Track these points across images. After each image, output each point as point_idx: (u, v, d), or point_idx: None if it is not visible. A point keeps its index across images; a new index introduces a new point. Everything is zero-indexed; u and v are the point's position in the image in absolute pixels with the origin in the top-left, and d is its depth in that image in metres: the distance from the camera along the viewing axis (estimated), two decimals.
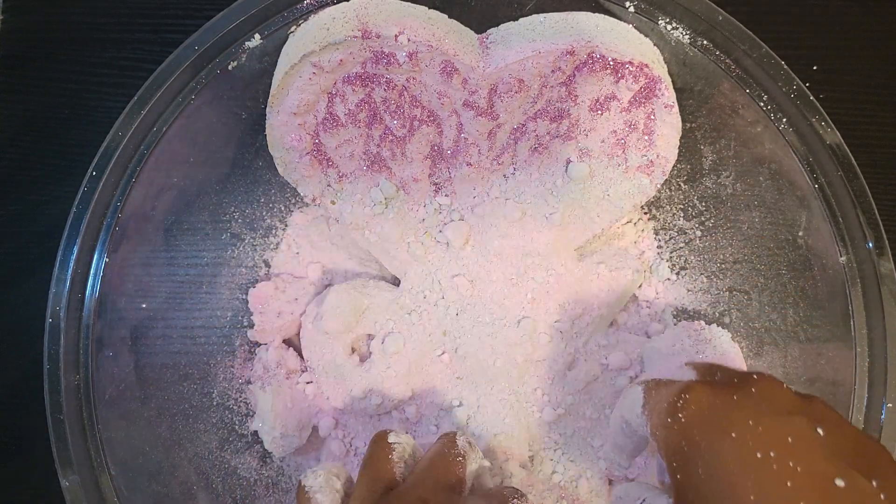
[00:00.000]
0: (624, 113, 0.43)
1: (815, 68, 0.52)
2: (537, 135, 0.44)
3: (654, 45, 0.43)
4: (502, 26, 0.42)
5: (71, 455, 0.40)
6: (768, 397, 0.29)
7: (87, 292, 0.42)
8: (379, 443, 0.34)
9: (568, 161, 0.44)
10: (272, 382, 0.46)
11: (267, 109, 0.42)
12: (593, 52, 0.40)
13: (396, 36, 0.39)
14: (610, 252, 0.48)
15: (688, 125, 0.45)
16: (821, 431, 0.27)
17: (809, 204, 0.43)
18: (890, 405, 0.41)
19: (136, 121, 0.42)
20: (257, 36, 0.42)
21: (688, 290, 0.49)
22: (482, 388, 0.46)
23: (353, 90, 0.41)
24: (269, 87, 0.42)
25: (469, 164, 0.44)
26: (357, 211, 0.45)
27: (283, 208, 0.49)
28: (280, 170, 0.44)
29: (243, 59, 0.43)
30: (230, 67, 0.43)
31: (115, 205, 0.42)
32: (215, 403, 0.47)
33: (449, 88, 0.41)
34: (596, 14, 0.42)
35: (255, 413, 0.47)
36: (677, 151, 0.44)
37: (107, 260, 0.42)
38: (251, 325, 0.47)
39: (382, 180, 0.44)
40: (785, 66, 0.42)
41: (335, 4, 0.41)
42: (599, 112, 0.43)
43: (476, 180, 0.45)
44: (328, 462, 0.47)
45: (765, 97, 0.43)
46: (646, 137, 0.43)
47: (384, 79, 0.41)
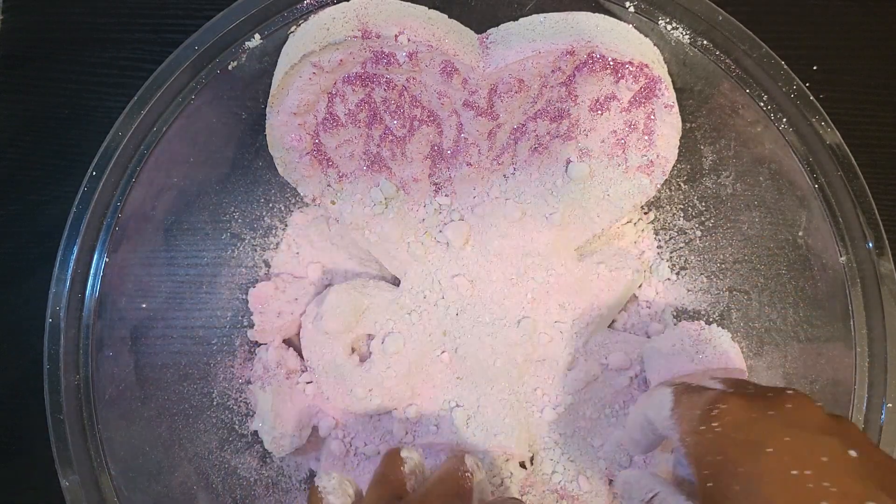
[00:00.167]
0: (624, 113, 0.43)
1: (815, 68, 0.52)
2: (537, 135, 0.44)
3: (654, 45, 0.43)
4: (502, 26, 0.42)
5: (71, 455, 0.40)
6: (803, 415, 0.29)
7: (87, 292, 0.42)
8: (391, 456, 0.36)
9: (568, 161, 0.44)
10: (272, 382, 0.46)
11: (267, 109, 0.42)
12: (593, 52, 0.40)
13: (396, 36, 0.39)
14: (610, 252, 0.48)
15: (688, 125, 0.45)
16: (853, 453, 0.27)
17: (809, 204, 0.43)
18: (890, 405, 0.41)
19: (136, 121, 0.42)
20: (257, 36, 0.42)
21: (688, 290, 0.49)
22: (482, 388, 0.46)
23: (353, 90, 0.41)
24: (269, 87, 0.42)
25: (469, 164, 0.44)
26: (357, 211, 0.45)
27: (283, 208, 0.49)
28: (280, 170, 0.44)
29: (243, 59, 0.43)
30: (230, 67, 0.43)
31: (115, 205, 0.42)
32: (215, 403, 0.47)
33: (449, 88, 0.41)
34: (596, 14, 0.42)
35: (255, 413, 0.47)
36: (677, 151, 0.44)
37: (107, 260, 0.42)
38: (251, 325, 0.47)
39: (382, 180, 0.44)
40: (785, 66, 0.42)
41: (335, 4, 0.41)
42: (599, 112, 0.43)
43: (476, 180, 0.45)
44: (328, 461, 0.47)
45: (765, 97, 0.43)
46: (646, 137, 0.43)
47: (384, 79, 0.41)
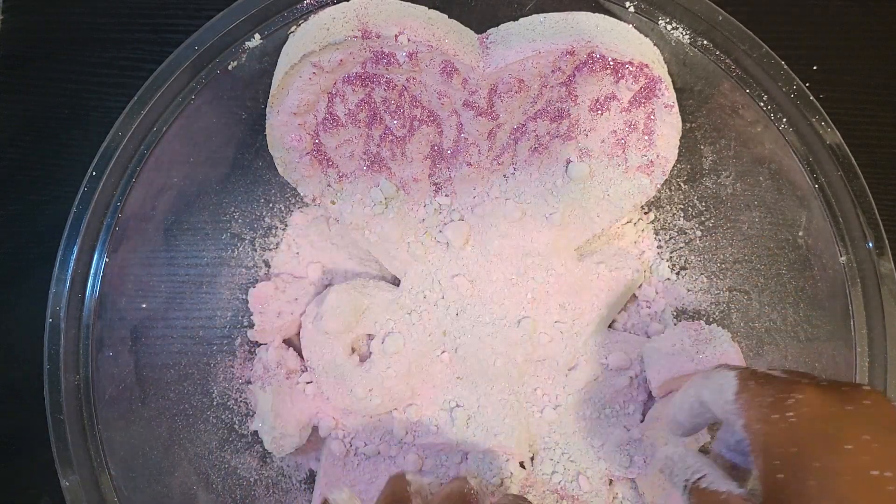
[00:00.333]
0: (624, 113, 0.43)
1: (815, 68, 0.52)
2: (537, 135, 0.44)
3: (654, 45, 0.43)
4: (502, 26, 0.42)
5: (71, 455, 0.40)
6: (880, 413, 0.28)
7: (87, 292, 0.42)
8: (397, 477, 0.37)
9: (568, 161, 0.44)
10: (272, 382, 0.46)
11: (267, 109, 0.42)
12: (593, 52, 0.40)
13: (396, 36, 0.39)
14: (610, 252, 0.48)
15: (688, 125, 0.45)
16: None
17: (809, 204, 0.43)
18: None
19: (136, 121, 0.42)
20: (257, 36, 0.42)
21: (688, 290, 0.49)
22: (482, 388, 0.46)
23: (353, 90, 0.41)
24: (269, 87, 0.42)
25: (469, 164, 0.44)
26: (357, 211, 0.45)
27: (283, 208, 0.49)
28: (280, 170, 0.44)
29: (243, 59, 0.43)
30: (230, 67, 0.43)
31: (115, 205, 0.42)
32: (215, 403, 0.47)
33: (449, 88, 0.41)
34: (596, 14, 0.42)
35: (255, 413, 0.47)
36: (677, 151, 0.44)
37: (107, 260, 0.42)
38: (251, 325, 0.47)
39: (382, 180, 0.44)
40: (785, 66, 0.42)
41: (335, 4, 0.41)
42: (599, 112, 0.43)
43: (476, 180, 0.45)
44: (328, 461, 0.47)
45: (765, 97, 0.43)
46: (646, 137, 0.43)
47: (384, 79, 0.41)
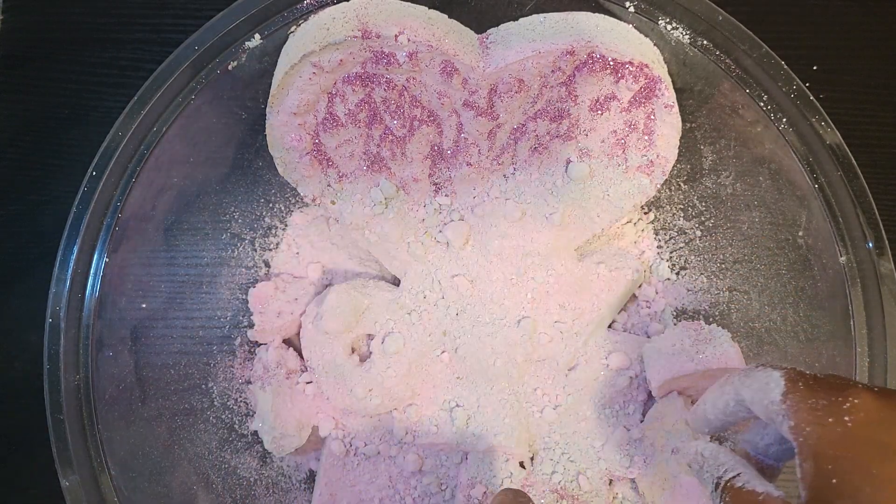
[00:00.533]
0: (624, 113, 0.43)
1: (815, 68, 0.52)
2: (537, 135, 0.44)
3: (654, 45, 0.43)
4: (502, 26, 0.42)
5: (71, 455, 0.40)
6: None
7: (87, 292, 0.42)
8: None
9: (568, 161, 0.44)
10: (272, 382, 0.46)
11: (267, 109, 0.42)
12: (593, 52, 0.40)
13: (396, 36, 0.39)
14: (610, 252, 0.48)
15: (688, 125, 0.45)
16: None
17: (809, 204, 0.43)
18: None
19: (136, 121, 0.42)
20: (257, 36, 0.42)
21: (688, 290, 0.49)
22: (482, 388, 0.46)
23: (353, 90, 0.41)
24: (269, 87, 0.42)
25: (469, 164, 0.44)
26: (357, 211, 0.45)
27: (283, 208, 0.49)
28: (280, 170, 0.44)
29: (243, 59, 0.43)
30: (230, 67, 0.43)
31: (115, 205, 0.42)
32: (215, 403, 0.47)
33: (449, 88, 0.41)
34: (596, 14, 0.42)
35: (255, 413, 0.47)
36: (677, 151, 0.44)
37: (107, 260, 0.42)
38: (251, 325, 0.47)
39: (382, 180, 0.44)
40: (785, 66, 0.42)
41: (335, 4, 0.41)
42: (599, 112, 0.43)
43: (476, 180, 0.45)
44: (328, 461, 0.47)
45: (765, 97, 0.43)
46: (646, 137, 0.43)
47: (384, 79, 0.41)
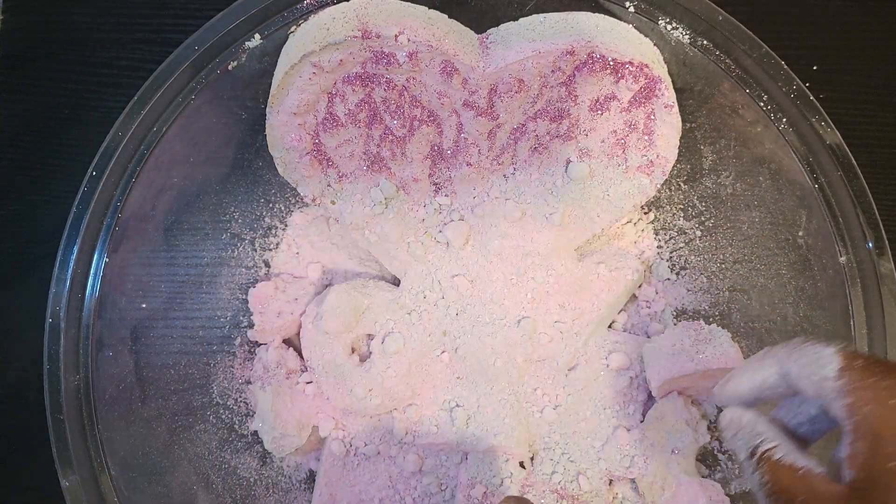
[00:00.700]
0: (624, 113, 0.43)
1: (815, 68, 0.52)
2: (537, 135, 0.44)
3: (654, 45, 0.43)
4: (502, 26, 0.42)
5: (71, 455, 0.40)
6: None
7: (87, 292, 0.42)
8: None
9: (568, 161, 0.44)
10: (272, 382, 0.46)
11: (267, 109, 0.42)
12: (593, 52, 0.40)
13: (396, 36, 0.39)
14: (610, 252, 0.48)
15: (688, 125, 0.45)
16: None
17: (809, 204, 0.43)
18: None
19: (136, 121, 0.42)
20: (257, 36, 0.42)
21: (688, 290, 0.49)
22: (482, 388, 0.46)
23: (353, 90, 0.41)
24: (269, 87, 0.42)
25: (469, 164, 0.44)
26: (357, 211, 0.45)
27: (283, 208, 0.49)
28: (280, 170, 0.44)
29: (243, 59, 0.43)
30: (230, 67, 0.43)
31: (115, 205, 0.42)
32: (215, 403, 0.47)
33: (449, 88, 0.41)
34: (596, 14, 0.42)
35: (255, 413, 0.47)
36: (677, 151, 0.44)
37: (107, 260, 0.42)
38: (251, 325, 0.47)
39: (382, 180, 0.44)
40: (785, 66, 0.42)
41: (335, 4, 0.41)
42: (599, 112, 0.43)
43: (476, 180, 0.45)
44: (328, 461, 0.47)
45: (765, 97, 0.43)
46: (646, 137, 0.43)
47: (384, 79, 0.41)
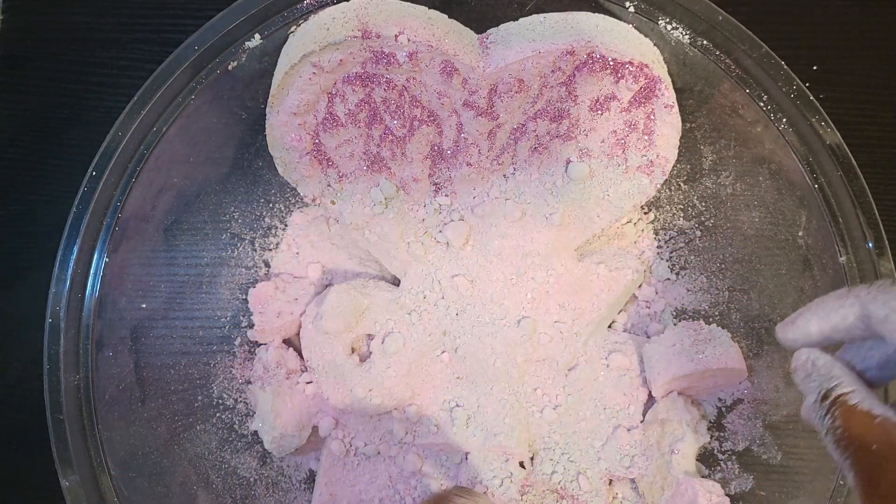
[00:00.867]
0: (624, 113, 0.43)
1: (815, 68, 0.52)
2: (537, 135, 0.44)
3: (654, 45, 0.43)
4: (502, 26, 0.42)
5: (71, 455, 0.40)
6: None
7: (87, 292, 0.42)
8: None
9: (568, 161, 0.44)
10: (272, 382, 0.46)
11: (267, 109, 0.42)
12: (593, 52, 0.40)
13: (396, 36, 0.39)
14: (610, 252, 0.48)
15: (688, 125, 0.45)
16: None
17: (809, 204, 0.43)
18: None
19: (136, 121, 0.42)
20: (257, 36, 0.42)
21: (688, 290, 0.49)
22: (482, 388, 0.46)
23: (353, 90, 0.41)
24: (269, 87, 0.42)
25: (469, 164, 0.44)
26: (357, 211, 0.45)
27: (283, 208, 0.49)
28: (280, 170, 0.44)
29: (243, 59, 0.43)
30: (230, 67, 0.43)
31: (115, 205, 0.42)
32: (215, 403, 0.47)
33: (449, 88, 0.41)
34: (596, 14, 0.42)
35: (255, 413, 0.47)
36: (677, 151, 0.44)
37: (107, 260, 0.42)
38: (251, 325, 0.47)
39: (382, 180, 0.44)
40: (785, 66, 0.42)
41: (335, 4, 0.41)
42: (599, 112, 0.43)
43: (476, 180, 0.45)
44: (328, 461, 0.47)
45: (765, 97, 0.43)
46: (646, 137, 0.43)
47: (384, 79, 0.41)
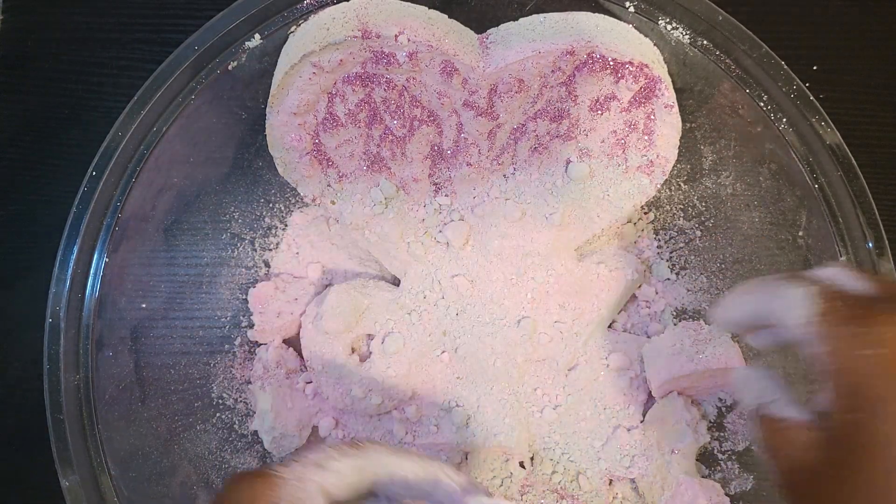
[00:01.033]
0: (624, 113, 0.43)
1: (815, 68, 0.52)
2: (537, 135, 0.44)
3: (654, 45, 0.43)
4: (502, 26, 0.42)
5: (71, 455, 0.40)
6: None
7: (87, 292, 0.42)
8: None
9: (568, 161, 0.44)
10: (272, 382, 0.46)
11: (267, 109, 0.42)
12: (593, 52, 0.40)
13: (396, 36, 0.39)
14: (610, 252, 0.48)
15: (688, 125, 0.45)
16: None
17: (809, 204, 0.43)
18: None
19: (136, 121, 0.42)
20: (257, 36, 0.42)
21: (688, 290, 0.49)
22: (482, 388, 0.46)
23: (353, 90, 0.41)
24: (269, 87, 0.42)
25: (469, 164, 0.44)
26: (357, 211, 0.45)
27: (283, 208, 0.49)
28: (280, 170, 0.44)
29: (243, 59, 0.43)
30: (230, 67, 0.42)
31: (115, 205, 0.42)
32: (215, 403, 0.47)
33: (449, 88, 0.41)
34: (596, 14, 0.42)
35: (255, 413, 0.47)
36: (677, 151, 0.44)
37: (107, 260, 0.42)
38: (251, 325, 0.47)
39: (382, 180, 0.44)
40: (785, 66, 0.42)
41: (335, 4, 0.41)
42: (599, 112, 0.43)
43: (476, 180, 0.45)
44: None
45: (765, 97, 0.43)
46: (646, 137, 0.43)
47: (384, 79, 0.41)
